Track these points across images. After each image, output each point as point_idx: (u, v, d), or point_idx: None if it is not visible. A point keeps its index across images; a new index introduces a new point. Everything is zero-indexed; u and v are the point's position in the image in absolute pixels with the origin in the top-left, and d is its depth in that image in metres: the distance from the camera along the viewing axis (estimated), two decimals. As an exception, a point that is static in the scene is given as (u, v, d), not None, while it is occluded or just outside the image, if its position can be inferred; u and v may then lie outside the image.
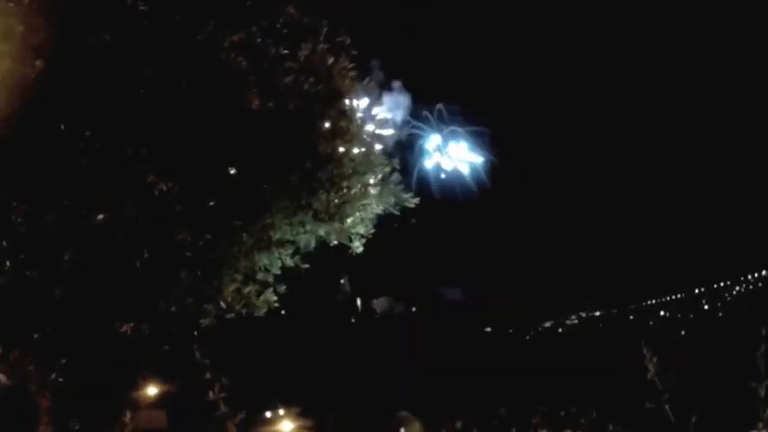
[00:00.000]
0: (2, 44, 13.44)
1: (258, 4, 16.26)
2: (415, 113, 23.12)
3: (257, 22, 16.21)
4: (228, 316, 17.24)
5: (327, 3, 17.11)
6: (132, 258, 15.57)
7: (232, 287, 17.10)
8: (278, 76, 16.58)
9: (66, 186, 14.87)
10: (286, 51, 16.82)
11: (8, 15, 13.62)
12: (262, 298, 17.96)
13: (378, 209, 20.46)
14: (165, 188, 15.17)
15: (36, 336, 15.66)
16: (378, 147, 20.81)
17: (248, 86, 15.84)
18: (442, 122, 22.69)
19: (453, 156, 22.98)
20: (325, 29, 17.20)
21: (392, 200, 21.33)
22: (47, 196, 14.76)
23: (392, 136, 22.98)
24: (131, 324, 15.83)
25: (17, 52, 13.62)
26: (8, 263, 14.79)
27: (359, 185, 19.21)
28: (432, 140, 22.83)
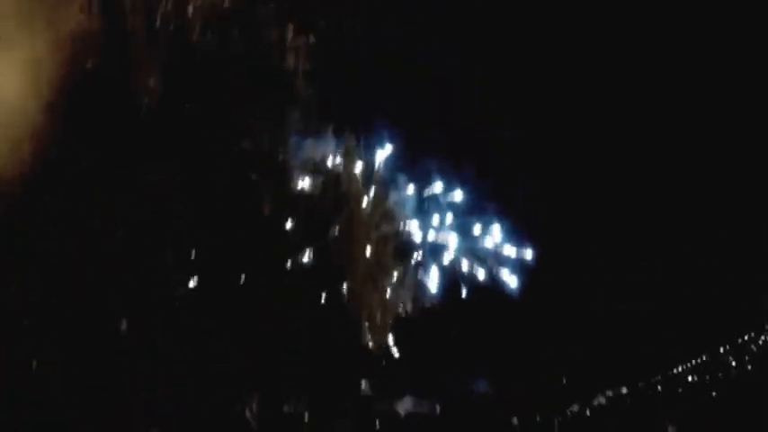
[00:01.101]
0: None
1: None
2: (421, 208, 23.07)
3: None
4: None
5: (334, 101, 17.60)
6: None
7: None
8: (290, 184, 16.91)
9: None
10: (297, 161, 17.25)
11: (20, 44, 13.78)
12: None
13: (395, 309, 20.41)
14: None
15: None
16: (389, 248, 20.87)
17: (262, 193, 16.12)
18: (440, 213, 22.49)
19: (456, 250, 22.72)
20: (332, 127, 17.62)
21: (409, 303, 21.26)
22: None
23: (403, 234, 23.02)
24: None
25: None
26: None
27: (374, 290, 19.23)
28: (436, 236, 22.71)
